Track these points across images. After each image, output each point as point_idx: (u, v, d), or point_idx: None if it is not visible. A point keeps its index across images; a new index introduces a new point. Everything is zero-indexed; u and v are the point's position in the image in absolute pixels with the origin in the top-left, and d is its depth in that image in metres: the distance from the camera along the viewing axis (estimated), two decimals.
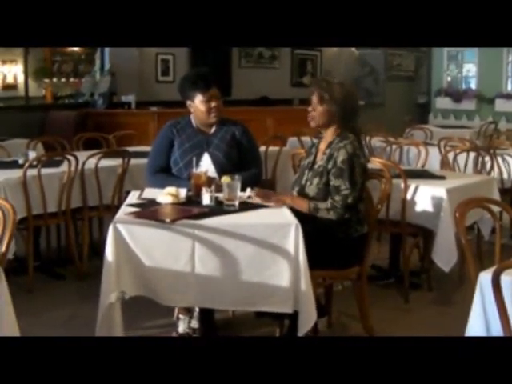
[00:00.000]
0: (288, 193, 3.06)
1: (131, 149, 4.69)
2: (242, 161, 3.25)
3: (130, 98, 7.45)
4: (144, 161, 3.63)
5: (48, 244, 4.33)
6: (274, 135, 6.04)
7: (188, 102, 3.24)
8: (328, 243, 2.83)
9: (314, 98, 2.86)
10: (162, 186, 2.94)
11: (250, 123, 3.59)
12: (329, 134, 2.92)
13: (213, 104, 3.18)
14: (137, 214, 2.58)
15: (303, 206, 2.79)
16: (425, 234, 3.76)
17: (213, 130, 3.27)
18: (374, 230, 3.10)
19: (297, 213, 2.69)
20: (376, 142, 6.01)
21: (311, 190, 2.86)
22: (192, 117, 3.29)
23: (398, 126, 7.98)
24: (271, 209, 2.72)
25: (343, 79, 3.02)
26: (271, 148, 5.18)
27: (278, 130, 7.14)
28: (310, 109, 2.89)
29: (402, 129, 7.54)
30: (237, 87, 8.67)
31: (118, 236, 2.46)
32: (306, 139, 5.99)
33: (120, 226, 2.47)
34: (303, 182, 2.94)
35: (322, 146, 2.96)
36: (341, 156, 2.78)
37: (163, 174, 3.22)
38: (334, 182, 2.79)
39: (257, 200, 2.77)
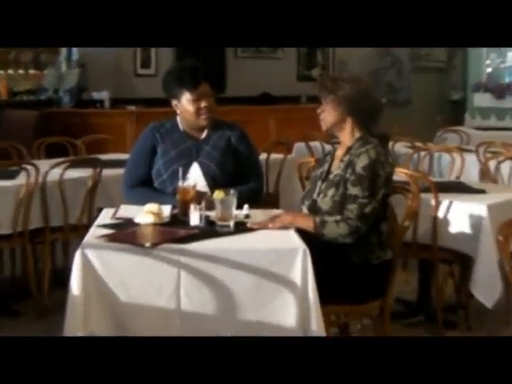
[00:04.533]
0: (294, 210, 3.06)
1: (104, 157, 4.72)
2: (238, 172, 3.28)
3: (104, 95, 7.50)
4: (120, 171, 3.64)
5: (0, 273, 4.32)
6: (277, 140, 6.05)
7: (174, 102, 3.26)
8: (343, 272, 2.83)
9: (322, 99, 2.94)
10: (142, 202, 2.94)
11: (248, 125, 3.62)
12: (346, 139, 2.94)
13: (203, 104, 3.19)
14: (110, 237, 2.58)
15: (308, 223, 2.78)
16: (461, 261, 3.76)
17: (204, 134, 3.29)
18: (399, 256, 3.10)
19: (304, 234, 2.69)
20: (401, 147, 6.00)
21: (325, 203, 2.86)
22: (179, 119, 3.30)
23: (428, 128, 8.01)
24: (273, 230, 2.72)
25: (358, 72, 3.07)
26: (274, 155, 5.20)
27: (281, 134, 7.16)
28: (319, 110, 2.96)
29: (433, 131, 7.57)
30: (232, 82, 8.73)
31: (86, 263, 2.46)
32: (316, 144, 6.00)
33: (89, 252, 2.47)
34: (315, 195, 2.94)
35: (339, 152, 2.99)
36: (361, 162, 2.80)
37: (143, 187, 3.24)
38: (350, 190, 2.80)
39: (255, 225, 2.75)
